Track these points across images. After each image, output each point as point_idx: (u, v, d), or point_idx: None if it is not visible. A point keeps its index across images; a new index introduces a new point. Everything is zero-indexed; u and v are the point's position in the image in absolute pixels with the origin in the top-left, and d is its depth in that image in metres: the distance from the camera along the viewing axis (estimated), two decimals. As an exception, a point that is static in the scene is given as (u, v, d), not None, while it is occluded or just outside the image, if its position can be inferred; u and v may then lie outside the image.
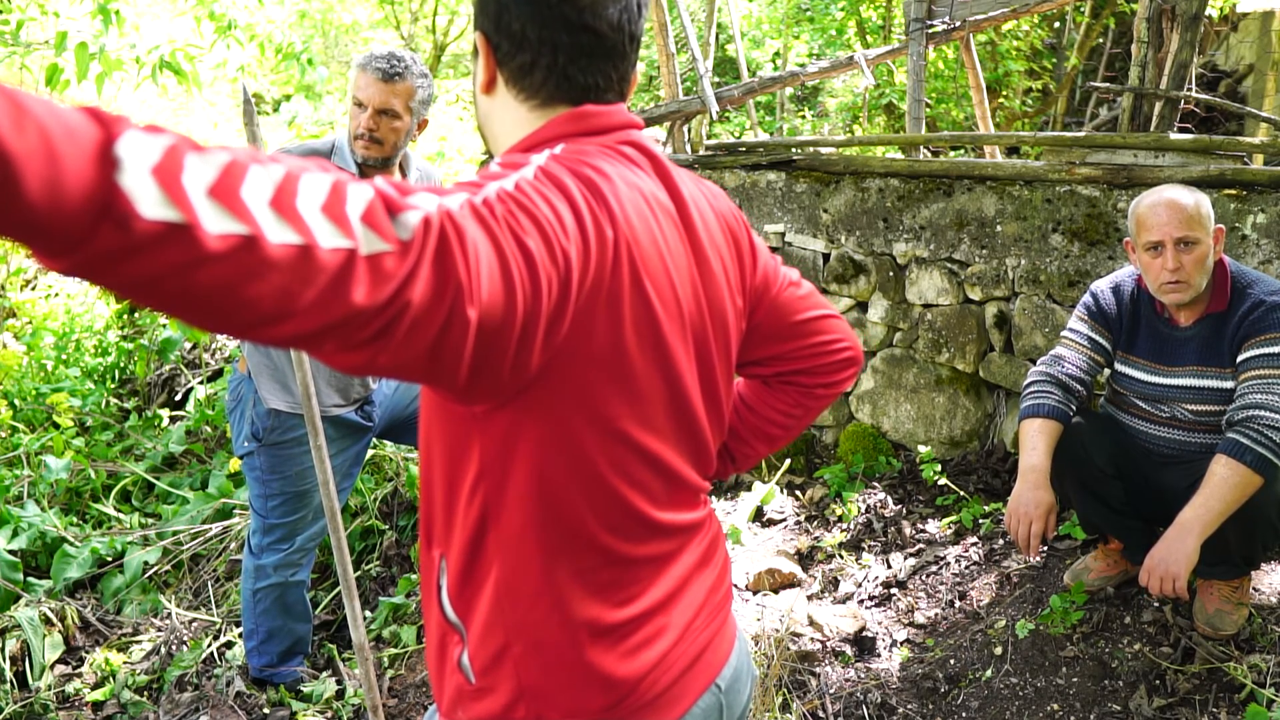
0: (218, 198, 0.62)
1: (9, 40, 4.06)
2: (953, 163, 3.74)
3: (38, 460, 4.19)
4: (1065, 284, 3.37)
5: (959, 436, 3.71)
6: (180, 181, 0.60)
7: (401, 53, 2.48)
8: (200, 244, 0.61)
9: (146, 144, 0.60)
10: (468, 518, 1.01)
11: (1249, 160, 3.51)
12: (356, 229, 0.69)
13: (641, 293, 0.97)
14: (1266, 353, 2.28)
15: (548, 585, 1.01)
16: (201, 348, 5.10)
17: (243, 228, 0.63)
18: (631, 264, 0.95)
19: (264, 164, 0.68)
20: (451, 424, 1.00)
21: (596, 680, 1.03)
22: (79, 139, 0.56)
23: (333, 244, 0.67)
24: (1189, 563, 2.14)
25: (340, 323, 0.70)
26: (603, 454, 0.99)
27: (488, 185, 0.85)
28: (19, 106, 0.54)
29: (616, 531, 1.03)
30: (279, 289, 0.66)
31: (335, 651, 3.11)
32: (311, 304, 0.67)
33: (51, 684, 3.07)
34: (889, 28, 8.61)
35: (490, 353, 0.83)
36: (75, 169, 0.55)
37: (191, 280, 0.62)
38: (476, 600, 1.04)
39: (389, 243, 0.71)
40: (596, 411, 0.97)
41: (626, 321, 0.95)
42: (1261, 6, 7.47)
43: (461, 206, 0.80)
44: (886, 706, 2.51)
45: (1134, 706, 2.32)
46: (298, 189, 0.67)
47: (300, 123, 6.61)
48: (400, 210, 0.73)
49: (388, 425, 2.93)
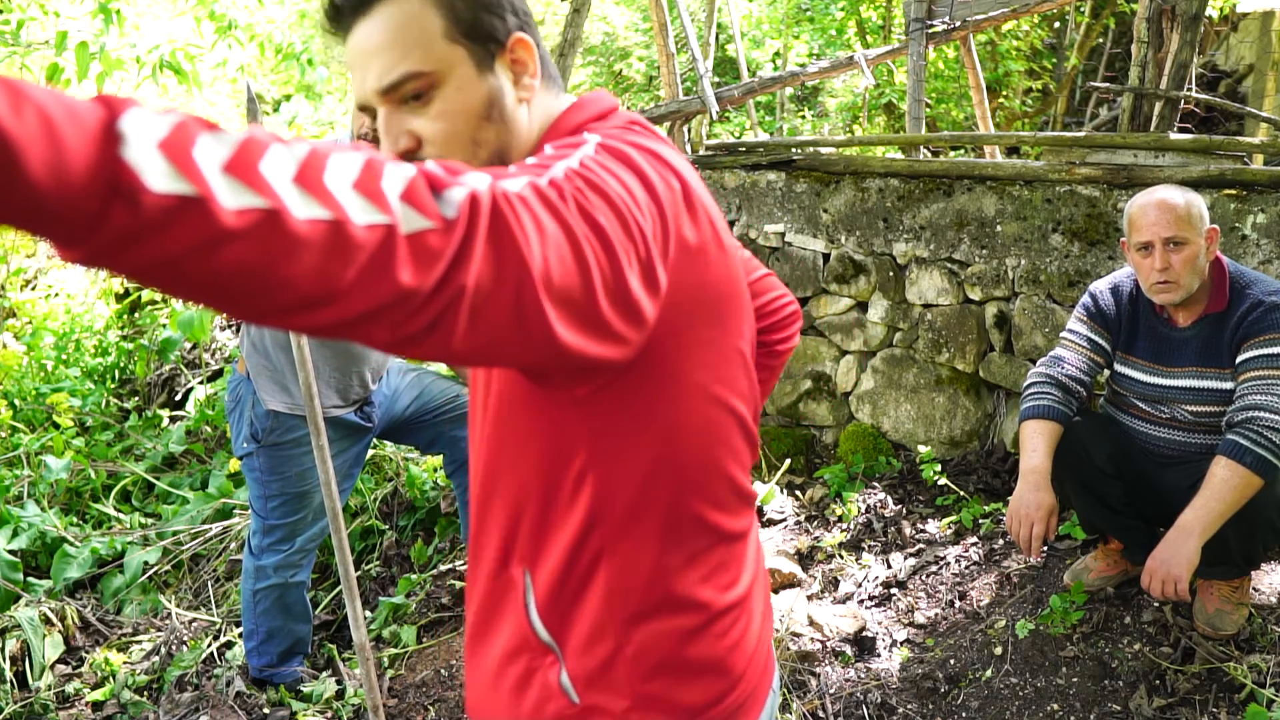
0: (234, 172, 0.59)
1: (9, 40, 4.06)
2: (953, 163, 3.74)
3: (38, 460, 4.19)
4: (1065, 284, 3.37)
5: (959, 436, 3.71)
6: (190, 155, 0.58)
7: None
8: (216, 219, 0.58)
9: (153, 120, 0.58)
10: (569, 518, 0.95)
11: (1249, 160, 3.51)
12: (394, 205, 0.66)
13: (719, 245, 0.94)
14: (1266, 353, 2.28)
15: (661, 575, 0.96)
16: (201, 348, 5.10)
17: (262, 201, 0.60)
18: (708, 218, 0.93)
19: (288, 143, 0.65)
20: (545, 419, 0.93)
21: (710, 669, 0.99)
22: (82, 120, 0.55)
23: (368, 220, 0.64)
24: (1190, 565, 2.14)
25: (389, 306, 0.66)
26: (707, 420, 0.95)
27: (554, 166, 0.81)
28: (16, 91, 0.53)
29: (721, 506, 0.99)
30: (315, 269, 0.62)
31: (335, 651, 3.11)
32: (353, 285, 0.64)
33: (51, 684, 3.07)
34: (889, 28, 8.61)
35: (583, 331, 0.78)
36: (78, 148, 0.54)
37: (216, 262, 0.59)
38: (578, 609, 0.97)
39: (431, 219, 0.67)
40: (697, 374, 0.94)
41: (711, 277, 0.93)
42: (1261, 6, 7.47)
43: (524, 188, 0.75)
44: (886, 706, 2.51)
45: (1134, 706, 2.32)
46: (325, 165, 0.64)
47: (300, 123, 6.61)
48: (445, 187, 0.69)
49: (388, 426, 2.93)
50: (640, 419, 0.92)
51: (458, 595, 3.29)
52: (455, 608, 3.26)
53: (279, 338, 2.60)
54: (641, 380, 0.90)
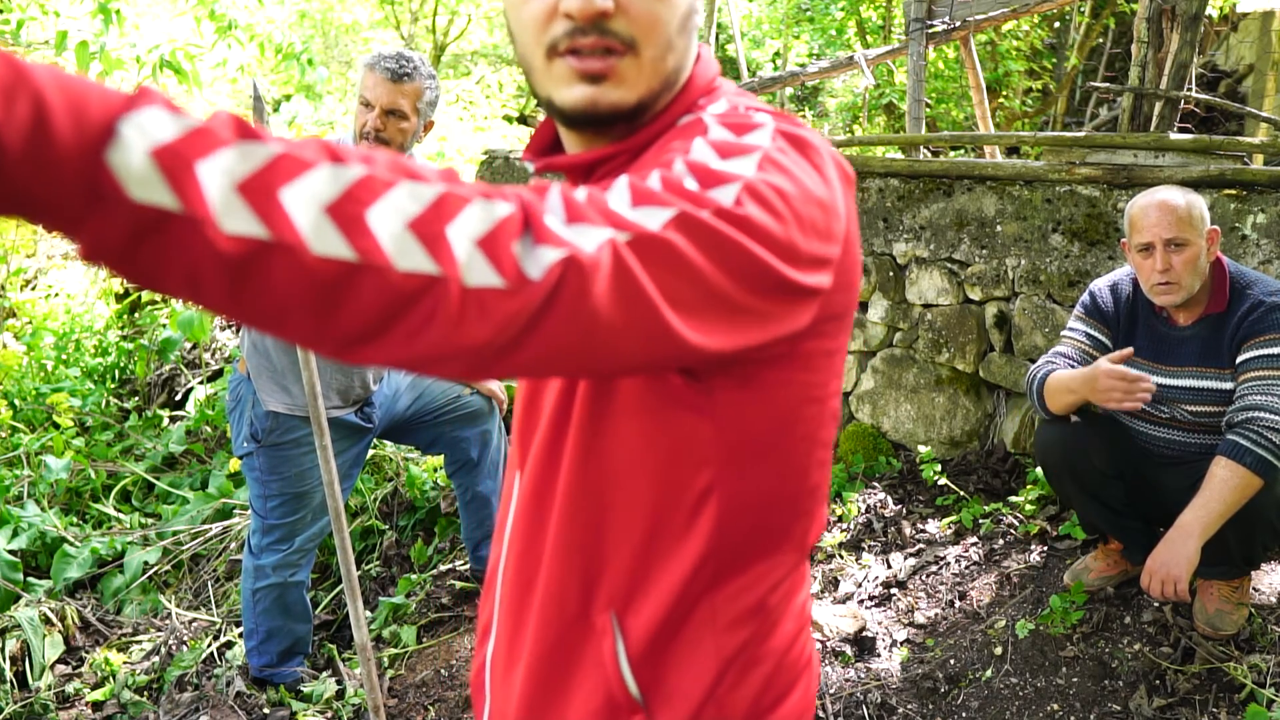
0: (246, 193, 0.54)
1: (9, 40, 4.06)
2: (953, 163, 3.74)
3: (38, 460, 4.19)
4: (1065, 284, 3.37)
5: (959, 436, 3.71)
6: (192, 167, 0.53)
7: (410, 53, 2.48)
8: (203, 241, 0.53)
9: (163, 123, 0.53)
10: (682, 550, 0.82)
11: (1249, 160, 3.51)
12: (460, 252, 0.57)
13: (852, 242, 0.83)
14: (1266, 353, 2.28)
15: (763, 599, 0.85)
16: (201, 348, 5.10)
17: (263, 232, 0.54)
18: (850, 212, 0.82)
19: (346, 165, 0.57)
20: (663, 429, 0.81)
21: (806, 677, 0.92)
22: (87, 114, 0.51)
23: (410, 266, 0.56)
24: (1190, 566, 2.14)
25: (436, 359, 0.59)
26: (820, 431, 0.86)
27: (726, 184, 0.68)
28: (17, 76, 0.50)
29: (811, 515, 0.89)
30: (316, 310, 0.56)
31: (335, 651, 3.11)
32: (378, 331, 0.57)
33: (51, 684, 3.07)
34: (889, 28, 8.61)
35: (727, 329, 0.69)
36: (66, 144, 0.50)
37: (205, 284, 0.54)
38: (677, 657, 0.84)
39: (504, 277, 0.58)
40: (834, 384, 0.86)
41: (853, 280, 0.85)
42: (1261, 6, 7.47)
43: (667, 226, 0.64)
44: (886, 706, 2.51)
45: (1134, 706, 2.32)
46: (378, 197, 0.57)
47: (300, 123, 6.61)
48: (544, 240, 0.60)
49: (388, 426, 2.93)
50: (777, 427, 0.82)
51: (458, 595, 3.29)
52: (455, 608, 3.26)
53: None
54: (785, 383, 0.81)
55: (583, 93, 0.79)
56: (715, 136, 0.75)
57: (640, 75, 0.79)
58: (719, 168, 0.70)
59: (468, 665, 2.97)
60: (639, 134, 0.83)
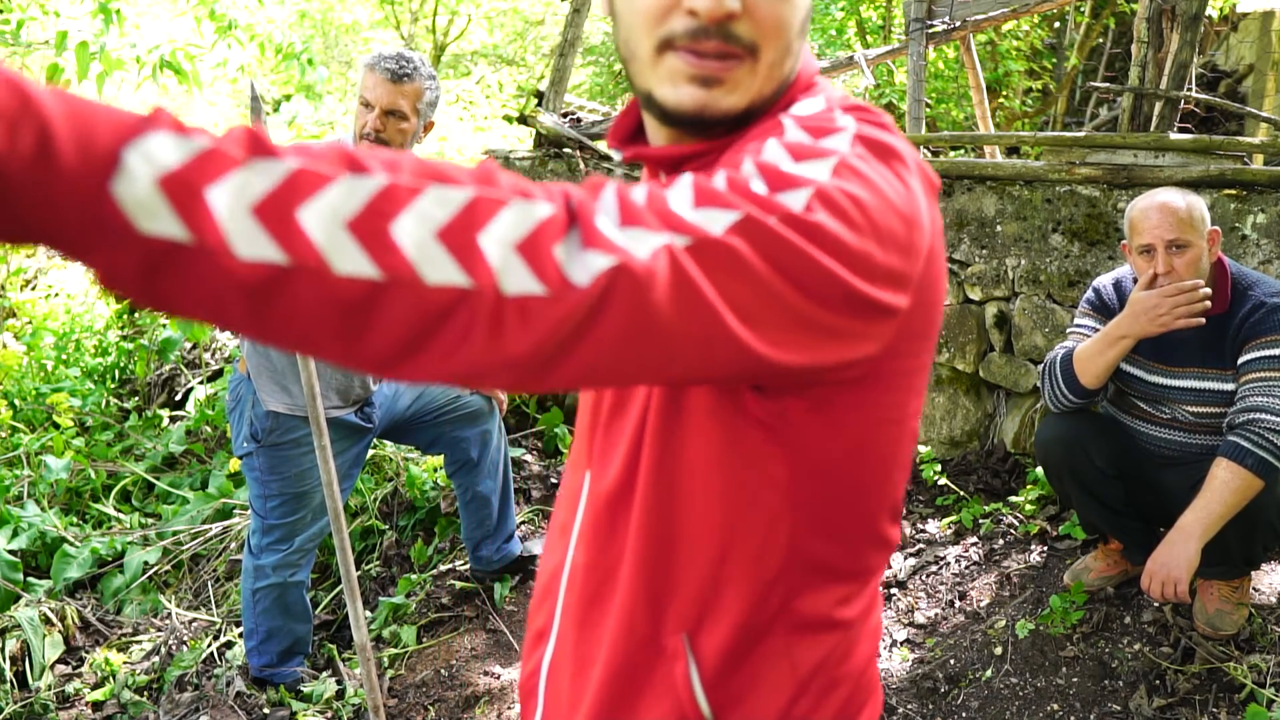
0: (262, 216, 0.51)
1: (9, 40, 4.06)
2: (953, 163, 3.74)
3: (38, 460, 4.19)
4: (1065, 284, 3.37)
5: (959, 436, 3.71)
6: (202, 194, 0.51)
7: (410, 54, 2.48)
8: (221, 270, 0.51)
9: (171, 148, 0.51)
10: (754, 572, 0.80)
11: (1249, 160, 3.51)
12: (495, 259, 0.54)
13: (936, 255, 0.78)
14: (1267, 354, 2.28)
15: (839, 619, 0.84)
16: (201, 348, 5.10)
17: (280, 257, 0.51)
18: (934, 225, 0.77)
19: (367, 175, 0.54)
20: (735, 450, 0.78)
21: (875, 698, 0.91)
22: (94, 142, 0.49)
23: (441, 279, 0.53)
24: (1190, 567, 2.14)
25: (480, 373, 0.56)
26: (898, 449, 0.83)
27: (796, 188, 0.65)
28: (23, 102, 0.48)
29: (886, 535, 0.87)
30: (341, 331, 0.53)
31: (335, 651, 3.11)
32: (412, 348, 0.54)
33: (51, 684, 3.07)
34: (889, 28, 8.61)
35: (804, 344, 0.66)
36: (72, 175, 0.48)
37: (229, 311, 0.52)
38: (748, 670, 0.82)
39: (546, 284, 0.55)
40: (915, 403, 0.82)
41: (939, 295, 0.80)
42: (1261, 6, 7.47)
43: (730, 231, 0.61)
44: (886, 706, 2.51)
45: (1134, 706, 2.32)
46: (402, 208, 0.54)
47: (300, 123, 6.61)
48: (594, 245, 0.56)
49: (389, 426, 2.93)
50: (853, 449, 0.79)
51: (458, 595, 3.29)
52: (455, 608, 3.26)
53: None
54: (862, 404, 0.78)
55: (693, 96, 0.75)
56: (791, 138, 0.71)
57: (755, 80, 0.76)
58: (790, 170, 0.66)
59: (467, 665, 2.97)
60: (735, 132, 0.79)
